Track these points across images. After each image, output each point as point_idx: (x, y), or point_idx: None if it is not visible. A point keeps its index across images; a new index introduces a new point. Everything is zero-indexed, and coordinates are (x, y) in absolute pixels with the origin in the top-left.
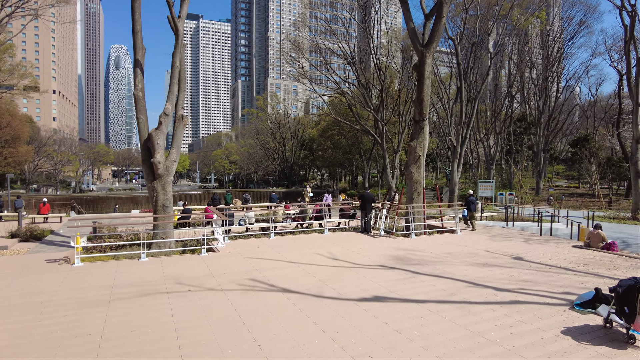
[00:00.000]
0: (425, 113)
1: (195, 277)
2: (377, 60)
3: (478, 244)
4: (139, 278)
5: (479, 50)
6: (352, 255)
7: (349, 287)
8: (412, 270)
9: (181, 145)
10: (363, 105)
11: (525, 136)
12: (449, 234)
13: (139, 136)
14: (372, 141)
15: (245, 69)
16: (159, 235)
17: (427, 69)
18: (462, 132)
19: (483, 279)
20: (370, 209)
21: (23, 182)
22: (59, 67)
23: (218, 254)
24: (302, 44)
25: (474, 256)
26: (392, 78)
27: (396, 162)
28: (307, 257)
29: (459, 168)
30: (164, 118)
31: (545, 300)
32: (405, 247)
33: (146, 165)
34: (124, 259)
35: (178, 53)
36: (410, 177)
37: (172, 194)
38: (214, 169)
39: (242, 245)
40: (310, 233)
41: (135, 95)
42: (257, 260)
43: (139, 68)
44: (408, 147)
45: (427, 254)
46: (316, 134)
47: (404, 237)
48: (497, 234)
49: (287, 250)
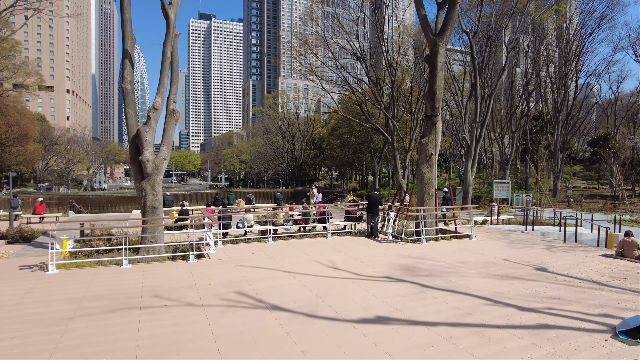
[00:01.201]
0: (437, 108)
1: (176, 289)
2: (387, 55)
3: (495, 251)
4: (114, 289)
5: (494, 45)
6: (355, 263)
7: (348, 305)
8: (422, 283)
9: (172, 141)
10: (373, 102)
11: (541, 135)
12: (463, 240)
13: (127, 132)
14: (382, 140)
15: (256, 69)
16: (147, 240)
17: (440, 59)
18: (476, 130)
19: (503, 294)
20: (377, 211)
21: (35, 181)
22: (72, 67)
23: (208, 260)
24: (309, 38)
25: (492, 266)
26: (404, 75)
27: (407, 162)
28: (304, 265)
29: (473, 168)
30: (153, 113)
31: (580, 325)
32: (414, 254)
33: (134, 164)
34: (107, 265)
35: (169, 43)
36: (421, 178)
37: (162, 194)
38: (224, 168)
39: (235, 251)
40: (312, 237)
41: (123, 88)
42: (248, 269)
43: (127, 59)
44: (419, 144)
45: (439, 263)
46: (326, 133)
47: (414, 243)
48: (516, 240)
49: (284, 257)
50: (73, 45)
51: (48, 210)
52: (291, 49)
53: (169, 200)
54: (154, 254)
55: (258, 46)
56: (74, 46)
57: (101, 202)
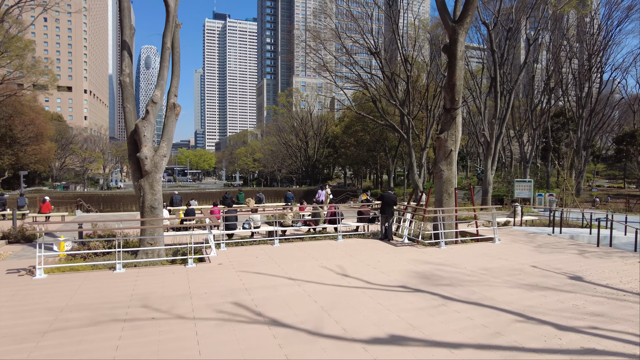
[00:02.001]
0: (457, 100)
1: (168, 298)
2: (403, 50)
3: (522, 256)
4: (101, 297)
5: (514, 38)
6: (367, 270)
7: (358, 320)
8: (442, 294)
9: (172, 137)
10: (388, 98)
11: (562, 133)
12: (486, 243)
13: (125, 127)
14: (397, 138)
15: (270, 67)
16: (146, 242)
17: (460, 48)
18: (496, 127)
19: (536, 309)
20: (392, 212)
21: (52, 179)
22: (90, 67)
23: (207, 265)
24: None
25: (519, 274)
26: (420, 71)
27: (423, 160)
28: (311, 271)
29: (493, 166)
30: (151, 107)
31: (633, 350)
32: (433, 259)
33: (132, 161)
34: (102, 269)
35: (169, 33)
36: (439, 176)
37: (161, 193)
38: (238, 167)
39: (239, 254)
40: (321, 240)
41: (121, 81)
42: (249, 275)
43: (126, 50)
44: (437, 140)
45: (460, 270)
46: (339, 131)
47: (432, 247)
48: (543, 244)
49: (290, 261)
50: (90, 47)
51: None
52: (305, 45)
53: (177, 199)
54: (152, 257)
55: (272, 45)
56: (92, 47)
57: (113, 201)
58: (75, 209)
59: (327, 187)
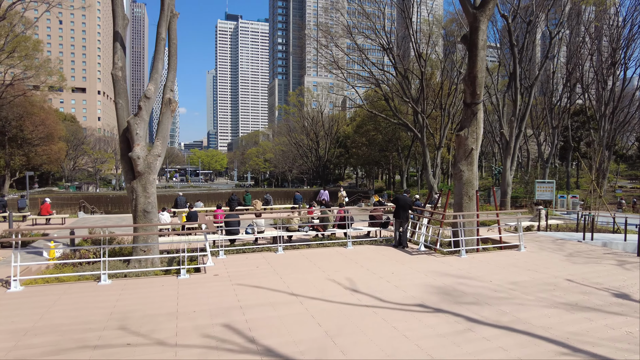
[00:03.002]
0: (479, 94)
1: (151, 317)
2: (417, 45)
3: (553, 268)
4: (76, 316)
5: (533, 32)
6: (380, 284)
7: (369, 350)
8: (467, 315)
9: (168, 136)
10: (401, 95)
11: (582, 131)
12: (510, 251)
13: (117, 125)
14: (410, 137)
15: (282, 67)
16: (139, 249)
17: (481, 37)
18: (515, 125)
19: (582, 337)
20: (407, 217)
21: (64, 180)
22: (104, 68)
23: (202, 276)
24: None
25: (553, 289)
26: (433, 69)
27: (438, 160)
28: (316, 285)
29: (512, 166)
30: (144, 102)
31: None
32: (453, 271)
33: (124, 161)
34: (89, 279)
35: (164, 22)
36: (459, 177)
37: (156, 196)
38: (249, 167)
39: (238, 263)
40: (329, 246)
41: (113, 75)
42: (247, 290)
43: (118, 42)
44: (456, 138)
45: (486, 285)
46: (351, 131)
47: (451, 256)
48: (575, 252)
49: (294, 272)
50: (104, 48)
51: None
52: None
53: (181, 201)
54: (145, 266)
55: (284, 45)
56: (105, 48)
57: (120, 202)
58: (78, 211)
59: (342, 189)
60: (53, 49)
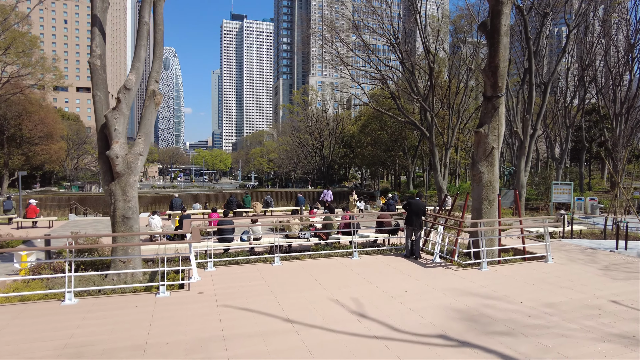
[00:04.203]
0: (501, 86)
1: (112, 352)
2: (426, 40)
3: (591, 285)
4: (20, 350)
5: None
6: (391, 306)
7: None
8: (500, 350)
9: (152, 132)
10: (409, 92)
11: (595, 131)
12: (536, 263)
13: (95, 119)
14: (417, 137)
15: (287, 67)
16: (118, 260)
17: (504, 21)
18: (531, 123)
19: None
20: (420, 224)
21: (66, 180)
22: (109, 68)
23: (184, 294)
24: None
25: (599, 314)
26: (441, 67)
27: (447, 160)
28: (316, 307)
29: (526, 167)
30: (124, 94)
31: None
32: (476, 288)
33: (102, 161)
34: (51, 298)
35: (148, 4)
36: (478, 179)
37: (137, 200)
38: (253, 167)
39: (228, 277)
40: (333, 256)
41: (91, 64)
42: (234, 314)
43: (97, 27)
44: (475, 135)
45: (517, 307)
46: (356, 130)
47: (471, 269)
48: (610, 265)
49: (291, 290)
50: (109, 47)
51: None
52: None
53: (177, 202)
54: (125, 280)
55: (289, 44)
56: (110, 48)
57: None
58: (68, 213)
59: (354, 192)
60: (58, 48)
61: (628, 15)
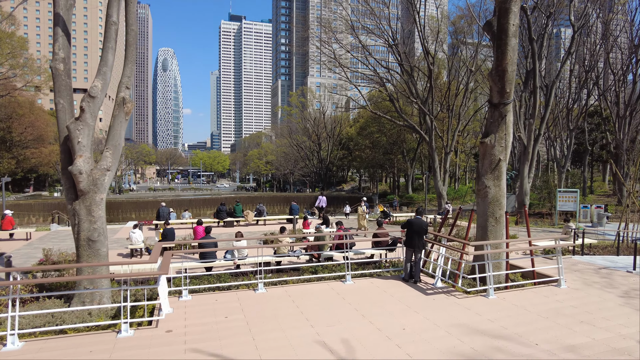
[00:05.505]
0: (508, 92)
1: None
2: (425, 41)
3: (613, 318)
4: None
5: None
6: (388, 349)
7: None
8: None
9: (122, 143)
10: (407, 95)
11: (596, 134)
12: (547, 288)
13: (58, 129)
14: (416, 140)
15: (285, 68)
16: (83, 286)
17: (513, 20)
18: (535, 127)
19: None
20: (422, 245)
21: (60, 183)
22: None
23: (150, 333)
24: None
25: None
26: (440, 68)
27: (447, 165)
28: (300, 353)
29: (530, 173)
30: (87, 103)
31: None
32: (483, 324)
33: (65, 177)
34: None
35: (115, 2)
36: (484, 194)
37: (104, 220)
38: (251, 169)
39: (203, 309)
40: (325, 281)
41: (52, 69)
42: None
43: (60, 27)
44: (480, 146)
45: (531, 351)
46: (354, 133)
47: (476, 296)
48: (630, 289)
49: (272, 327)
50: (92, 51)
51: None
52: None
53: (164, 212)
54: (89, 308)
55: (287, 46)
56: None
57: (110, 209)
58: (51, 222)
59: (363, 202)
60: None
61: (632, 15)
